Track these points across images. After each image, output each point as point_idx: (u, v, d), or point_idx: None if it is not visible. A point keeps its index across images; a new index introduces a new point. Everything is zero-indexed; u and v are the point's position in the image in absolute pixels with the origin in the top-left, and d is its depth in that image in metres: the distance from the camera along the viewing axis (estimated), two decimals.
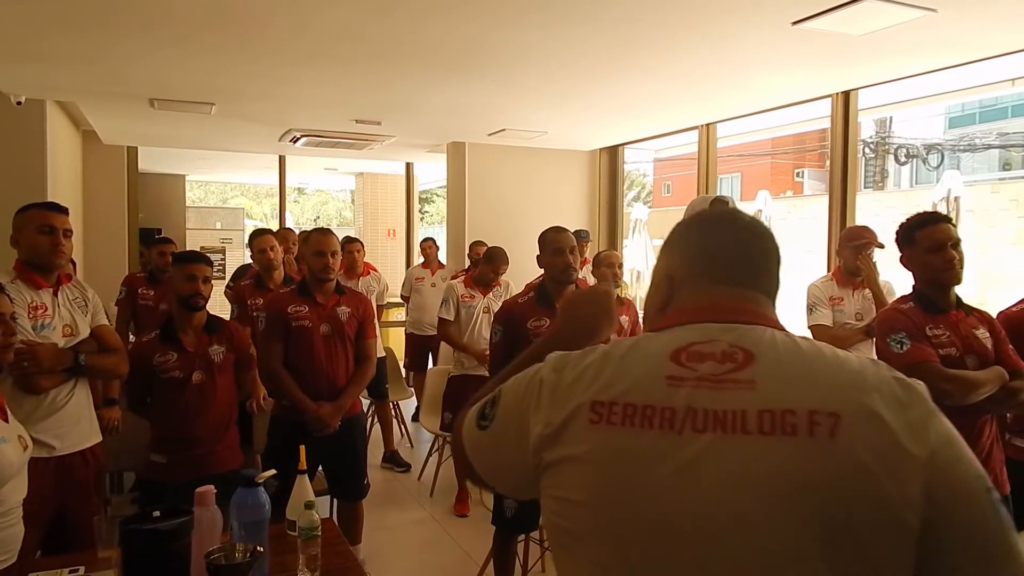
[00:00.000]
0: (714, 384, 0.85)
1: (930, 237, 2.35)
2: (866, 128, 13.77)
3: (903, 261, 2.46)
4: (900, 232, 2.44)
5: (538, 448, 0.92)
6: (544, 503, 0.94)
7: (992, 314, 2.49)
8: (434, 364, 5.98)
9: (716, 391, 0.85)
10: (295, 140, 6.89)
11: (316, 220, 22.50)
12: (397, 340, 7.15)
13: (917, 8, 3.20)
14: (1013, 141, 16.80)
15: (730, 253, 0.99)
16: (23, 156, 5.18)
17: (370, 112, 5.81)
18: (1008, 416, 2.54)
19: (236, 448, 2.98)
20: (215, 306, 2.99)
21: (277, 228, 5.96)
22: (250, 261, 4.79)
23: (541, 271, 3.07)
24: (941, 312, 2.35)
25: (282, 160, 8.45)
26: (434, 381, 4.83)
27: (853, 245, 3.48)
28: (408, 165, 9.36)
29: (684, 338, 0.91)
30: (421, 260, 6.68)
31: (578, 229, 4.27)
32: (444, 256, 7.01)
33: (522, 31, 3.63)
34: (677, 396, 0.86)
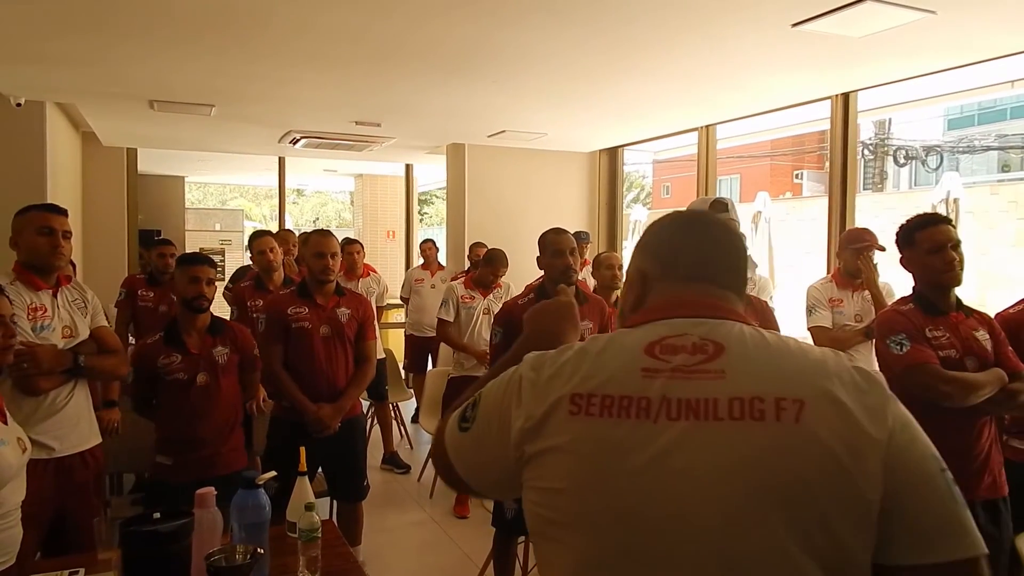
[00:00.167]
0: (687, 375, 0.90)
1: (930, 238, 2.34)
2: (865, 130, 13.79)
3: (903, 262, 2.45)
4: (900, 233, 2.43)
5: (520, 442, 0.95)
6: (526, 495, 0.97)
7: (991, 315, 2.49)
8: (434, 365, 5.98)
9: (689, 381, 0.89)
10: (295, 142, 6.89)
11: (315, 222, 22.50)
12: (397, 341, 7.15)
13: (916, 10, 3.21)
14: (1012, 143, 16.82)
15: (700, 253, 1.04)
16: (23, 157, 5.17)
17: (370, 114, 5.82)
18: (1005, 417, 2.53)
19: (241, 449, 2.98)
20: (214, 307, 2.98)
21: (277, 230, 5.95)
22: (249, 263, 4.79)
23: (541, 272, 3.07)
24: (941, 314, 2.35)
25: (281, 162, 8.45)
26: (434, 382, 4.83)
27: (854, 248, 3.48)
28: (408, 167, 9.36)
29: (657, 332, 0.96)
30: (421, 262, 6.68)
31: (578, 230, 4.27)
32: (444, 257, 7.01)
33: (522, 32, 3.64)
34: (652, 387, 0.90)
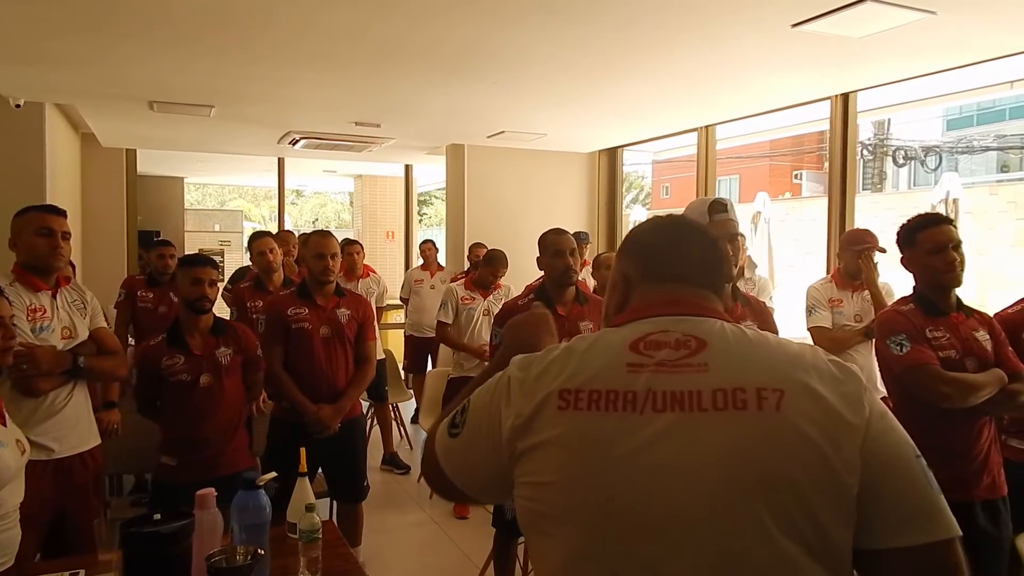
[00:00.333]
0: (671, 368, 0.94)
1: (931, 239, 2.33)
2: (864, 130, 13.80)
3: (904, 262, 2.44)
4: (901, 233, 2.42)
5: (511, 439, 0.98)
6: (517, 492, 0.99)
7: (991, 316, 2.49)
8: (433, 366, 5.98)
9: (673, 374, 0.93)
10: (294, 142, 6.88)
11: (314, 222, 22.50)
12: (396, 342, 7.14)
13: (916, 10, 3.21)
14: (1011, 143, 16.84)
15: (678, 255, 1.09)
16: (22, 158, 5.17)
17: (369, 114, 5.81)
18: (1004, 417, 2.52)
19: (245, 450, 2.98)
20: (214, 308, 2.97)
21: (276, 230, 5.95)
22: (248, 263, 4.78)
23: (541, 273, 3.07)
24: (941, 314, 2.34)
25: (281, 162, 8.44)
26: (433, 383, 4.82)
27: (855, 249, 3.48)
28: (407, 167, 9.35)
29: (641, 330, 1.00)
30: (420, 262, 6.68)
31: (577, 231, 4.27)
32: (443, 258, 7.01)
33: (522, 33, 3.64)
34: (637, 381, 0.94)
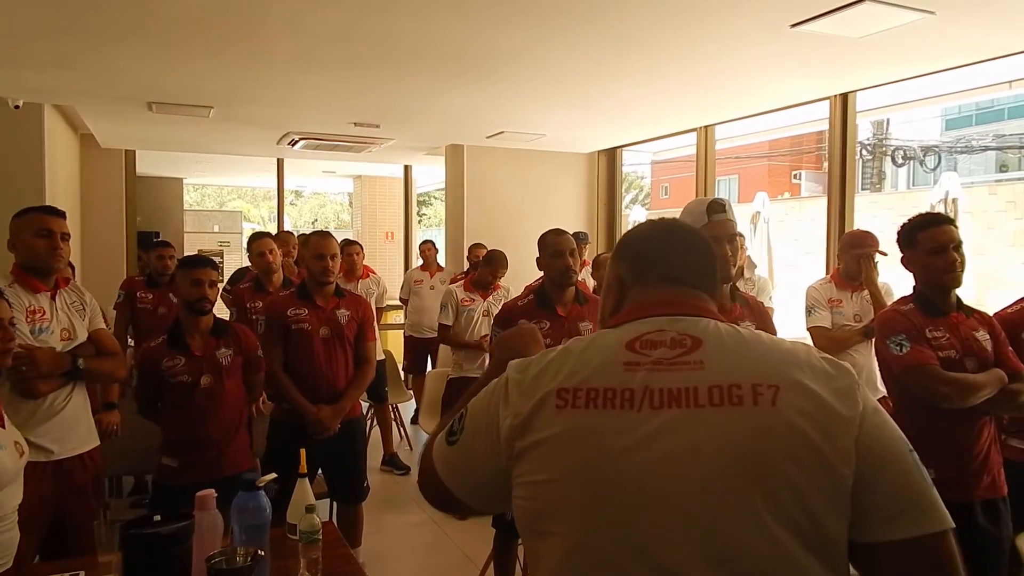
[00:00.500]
0: (667, 366, 0.96)
1: (932, 239, 2.32)
2: (863, 130, 13.81)
3: (904, 262, 2.44)
4: (902, 233, 2.41)
5: (509, 439, 0.99)
6: (515, 493, 0.99)
7: (991, 315, 2.49)
8: (433, 367, 5.98)
9: (669, 372, 0.95)
10: (293, 143, 6.88)
11: (314, 223, 22.50)
12: (396, 343, 7.14)
13: (915, 11, 3.21)
14: (1010, 143, 16.85)
15: (672, 257, 1.11)
16: (21, 160, 5.16)
17: (368, 115, 5.81)
18: (1004, 417, 2.52)
19: (247, 450, 2.98)
20: (215, 309, 2.97)
21: (276, 231, 5.95)
22: (247, 264, 4.78)
23: (540, 273, 3.07)
24: (941, 314, 2.34)
25: (280, 163, 8.44)
26: (433, 384, 4.82)
27: (855, 253, 3.47)
28: (406, 168, 9.35)
29: (636, 330, 1.02)
30: (420, 263, 6.68)
31: (577, 231, 4.26)
32: (443, 259, 7.00)
33: (520, 33, 3.63)
34: (634, 379, 0.95)
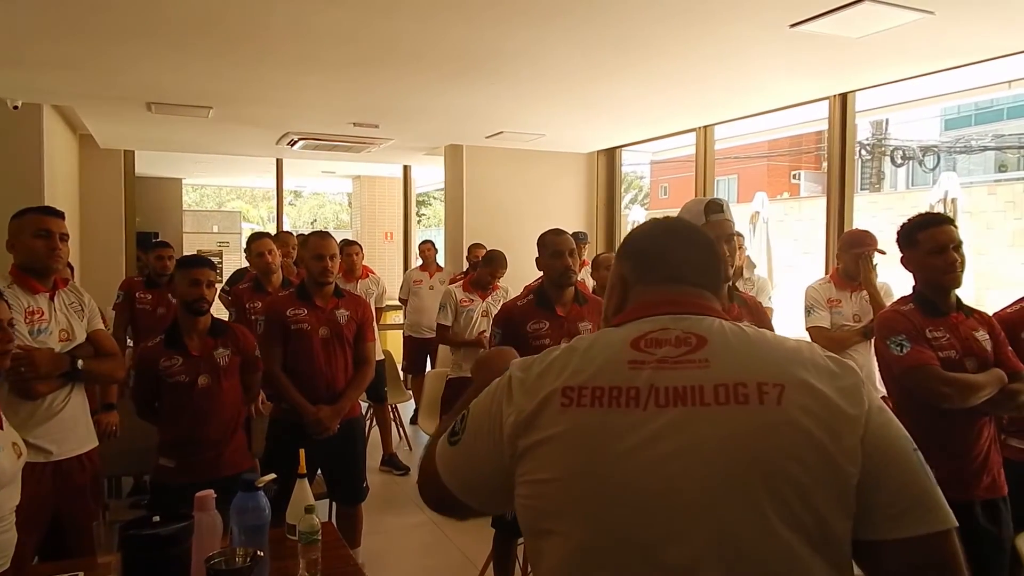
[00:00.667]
0: (672, 365, 0.96)
1: (932, 239, 2.31)
2: (862, 130, 13.82)
3: (904, 262, 2.43)
4: (902, 233, 2.40)
5: (512, 437, 0.98)
6: (518, 492, 0.98)
7: (991, 315, 2.49)
8: (432, 367, 5.98)
9: (675, 370, 0.95)
10: (292, 143, 6.88)
11: (313, 223, 22.48)
12: (395, 343, 7.14)
13: (914, 11, 3.21)
14: (1009, 143, 16.86)
15: (676, 256, 1.11)
16: (20, 160, 5.16)
17: (368, 115, 5.81)
18: (1004, 417, 2.52)
19: (244, 451, 2.98)
20: (212, 309, 2.96)
21: (275, 231, 5.94)
22: (246, 265, 4.77)
23: (540, 273, 3.07)
24: (941, 314, 2.33)
25: (279, 163, 8.44)
26: (432, 384, 4.82)
27: (854, 252, 3.47)
28: (405, 168, 9.35)
29: (640, 329, 1.01)
30: (419, 263, 6.67)
31: (576, 231, 4.26)
32: (442, 259, 7.00)
33: (521, 33, 3.63)
34: (639, 377, 0.95)
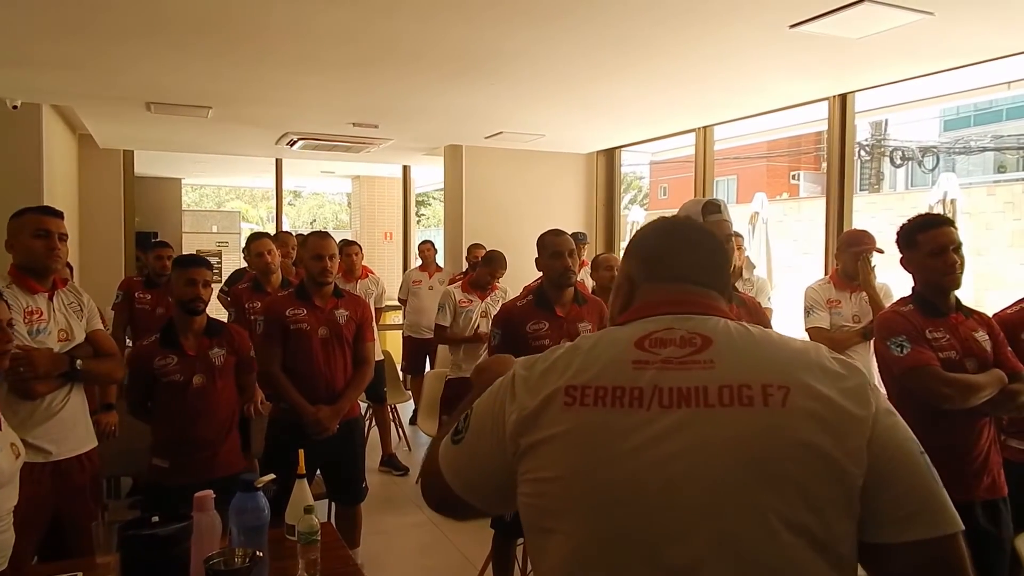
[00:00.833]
0: (677, 365, 0.95)
1: (932, 240, 2.32)
2: (861, 131, 13.83)
3: (903, 263, 2.43)
4: (901, 234, 2.41)
5: (515, 434, 0.98)
6: (521, 489, 0.98)
7: (990, 316, 2.49)
8: (432, 367, 5.98)
9: (679, 371, 0.94)
10: (292, 143, 6.88)
11: (312, 223, 22.48)
12: (395, 343, 7.14)
13: (914, 11, 3.21)
14: (1008, 144, 16.87)
15: (682, 255, 1.10)
16: (19, 160, 5.15)
17: (367, 115, 5.81)
18: (1003, 417, 2.52)
19: (239, 451, 2.97)
20: (209, 310, 2.96)
21: (274, 231, 5.94)
22: (245, 265, 4.77)
23: (539, 274, 3.07)
24: (941, 315, 2.33)
25: (279, 163, 8.43)
26: (432, 384, 4.82)
27: (853, 251, 3.48)
28: (405, 168, 9.34)
29: (645, 328, 1.01)
30: (419, 263, 6.67)
31: (576, 232, 4.27)
32: (442, 259, 7.00)
33: (519, 33, 3.63)
34: (643, 377, 0.94)
